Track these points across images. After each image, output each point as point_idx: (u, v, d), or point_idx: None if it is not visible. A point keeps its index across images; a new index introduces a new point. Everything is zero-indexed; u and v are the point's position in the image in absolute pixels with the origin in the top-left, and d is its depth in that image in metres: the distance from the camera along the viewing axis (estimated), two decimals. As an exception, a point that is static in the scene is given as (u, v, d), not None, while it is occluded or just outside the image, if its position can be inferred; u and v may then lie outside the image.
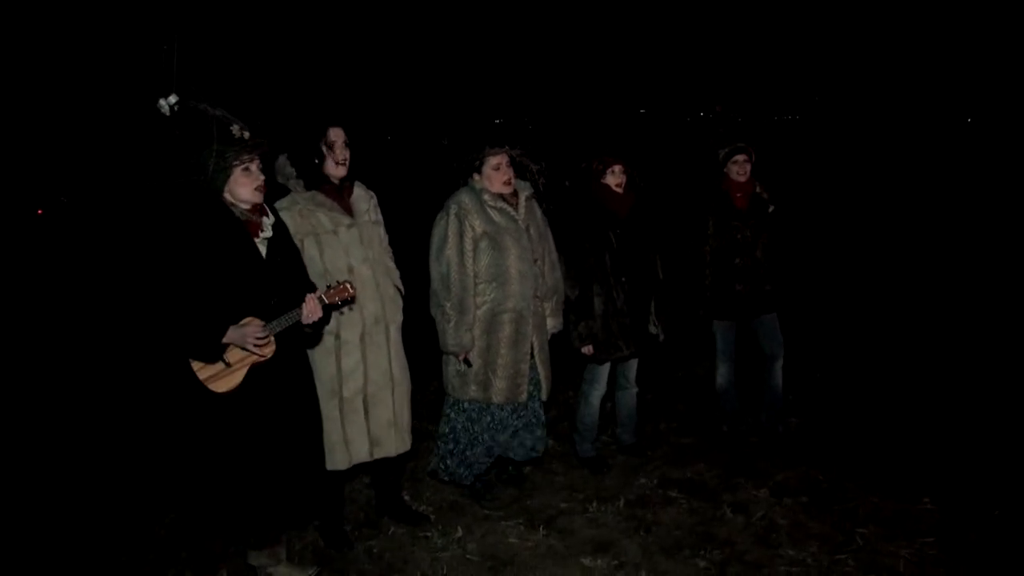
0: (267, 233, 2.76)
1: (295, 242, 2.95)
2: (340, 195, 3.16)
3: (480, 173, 3.43)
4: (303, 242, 3.04)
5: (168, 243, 2.62)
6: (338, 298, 2.78)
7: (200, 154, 2.62)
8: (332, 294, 2.76)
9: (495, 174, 3.39)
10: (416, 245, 3.61)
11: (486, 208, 3.37)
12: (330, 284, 2.81)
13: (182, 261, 2.58)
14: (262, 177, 2.74)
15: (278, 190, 3.11)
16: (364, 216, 3.22)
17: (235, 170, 2.66)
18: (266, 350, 2.67)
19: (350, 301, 2.88)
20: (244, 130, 2.70)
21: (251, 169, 2.70)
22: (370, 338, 3.16)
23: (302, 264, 2.93)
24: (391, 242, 3.38)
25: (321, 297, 2.74)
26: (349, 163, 3.13)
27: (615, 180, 3.73)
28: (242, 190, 2.68)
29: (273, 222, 2.81)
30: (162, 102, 2.68)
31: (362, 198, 3.26)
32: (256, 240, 2.72)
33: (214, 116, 2.65)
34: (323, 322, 2.83)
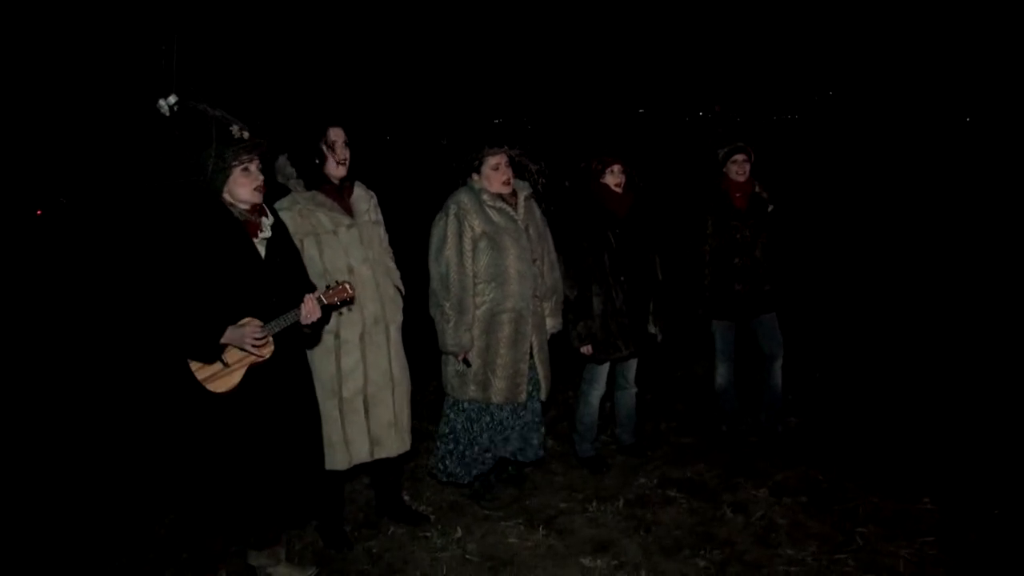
0: (266, 233, 2.76)
1: (295, 242, 2.95)
2: (340, 195, 3.16)
3: (479, 173, 3.42)
4: (303, 242, 3.04)
5: (166, 243, 2.62)
6: (337, 299, 2.78)
7: (199, 154, 2.61)
8: (331, 295, 2.76)
9: (494, 174, 3.39)
10: (416, 245, 3.61)
11: (485, 208, 3.37)
12: (329, 285, 2.80)
13: (180, 261, 2.58)
14: (261, 177, 2.73)
15: (278, 190, 3.11)
16: (364, 216, 3.22)
17: (234, 170, 2.66)
18: (264, 350, 2.67)
19: (349, 302, 2.88)
20: (244, 130, 2.69)
21: (250, 169, 2.69)
22: (370, 338, 3.16)
23: (302, 264, 2.93)
24: (391, 242, 3.38)
25: (320, 298, 2.74)
26: (349, 163, 3.13)
27: (614, 180, 3.73)
28: (241, 190, 2.68)
29: (272, 222, 2.81)
30: (162, 102, 2.68)
31: (362, 198, 3.26)
32: (255, 240, 2.72)
33: (214, 116, 2.65)
34: (322, 323, 2.83)
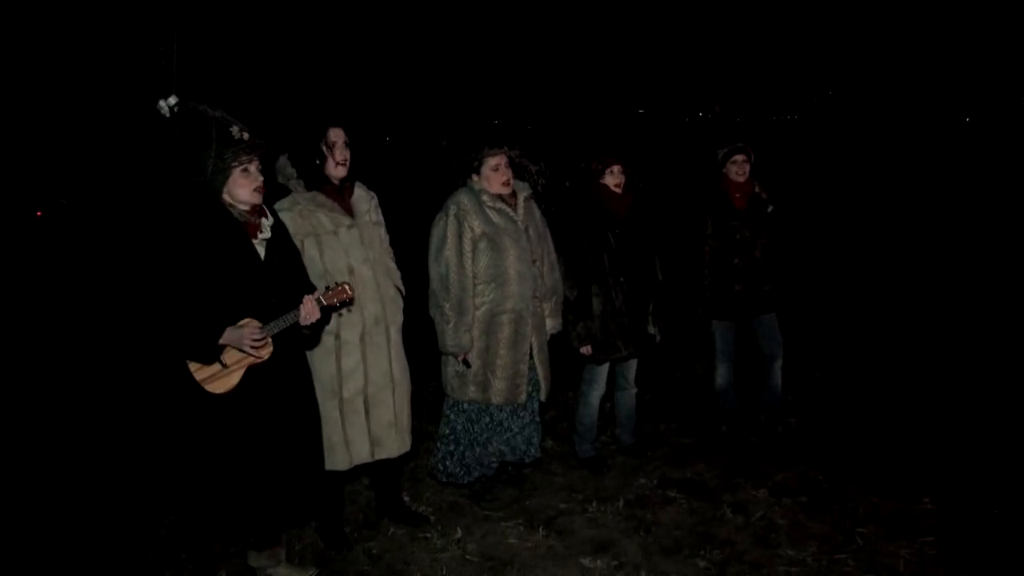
0: (266, 234, 2.75)
1: (295, 243, 2.95)
2: (341, 196, 3.16)
3: (479, 174, 3.42)
4: (303, 243, 3.04)
5: (166, 244, 2.62)
6: (336, 300, 2.77)
7: (199, 155, 2.61)
8: (330, 296, 2.76)
9: (494, 175, 3.39)
10: (416, 246, 3.61)
11: (485, 209, 3.37)
12: (328, 286, 2.80)
13: (179, 262, 2.58)
14: (261, 178, 2.73)
15: (278, 191, 3.11)
16: (365, 217, 3.22)
17: (234, 171, 2.66)
18: (263, 351, 2.66)
19: (349, 303, 2.87)
20: (243, 131, 2.69)
21: (250, 170, 2.69)
22: (370, 338, 3.16)
23: (301, 265, 2.93)
24: (391, 243, 3.38)
25: (319, 299, 2.74)
26: (349, 163, 3.13)
27: (614, 180, 3.73)
28: (241, 191, 2.68)
29: (272, 223, 2.81)
30: (162, 103, 2.68)
31: (363, 199, 3.26)
32: (255, 241, 2.72)
33: (213, 117, 2.65)
34: (321, 324, 2.83)
